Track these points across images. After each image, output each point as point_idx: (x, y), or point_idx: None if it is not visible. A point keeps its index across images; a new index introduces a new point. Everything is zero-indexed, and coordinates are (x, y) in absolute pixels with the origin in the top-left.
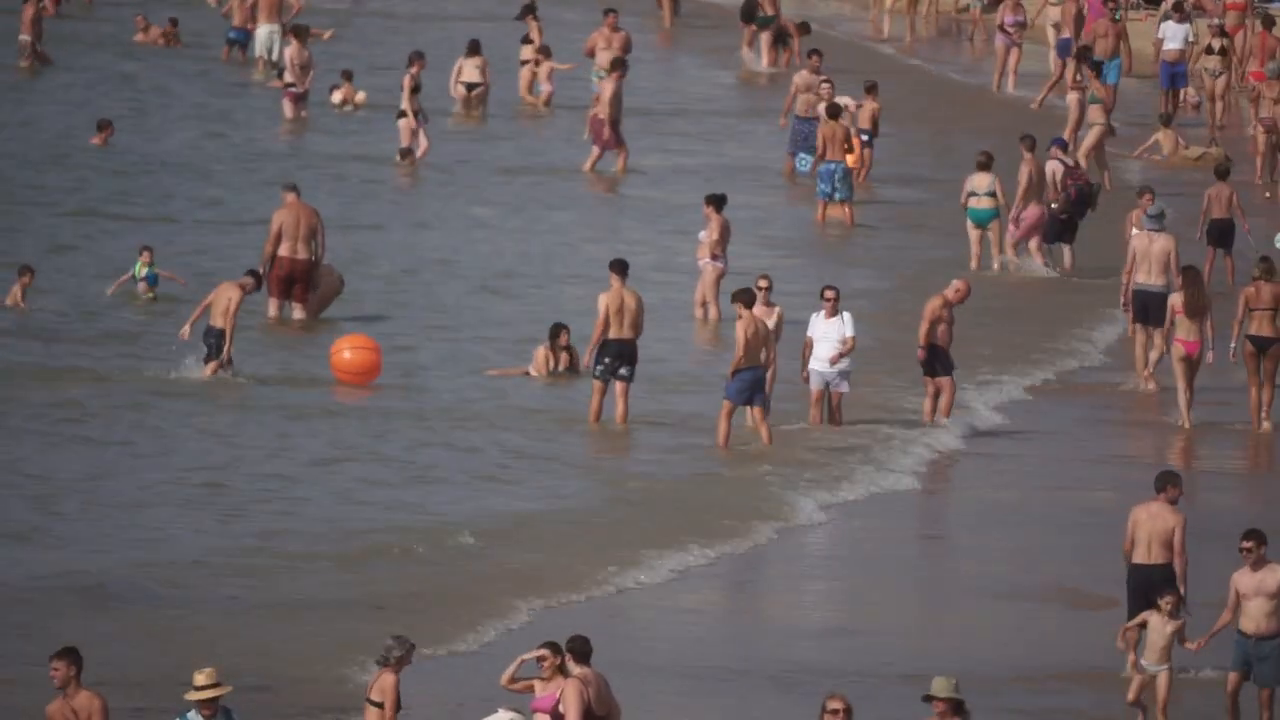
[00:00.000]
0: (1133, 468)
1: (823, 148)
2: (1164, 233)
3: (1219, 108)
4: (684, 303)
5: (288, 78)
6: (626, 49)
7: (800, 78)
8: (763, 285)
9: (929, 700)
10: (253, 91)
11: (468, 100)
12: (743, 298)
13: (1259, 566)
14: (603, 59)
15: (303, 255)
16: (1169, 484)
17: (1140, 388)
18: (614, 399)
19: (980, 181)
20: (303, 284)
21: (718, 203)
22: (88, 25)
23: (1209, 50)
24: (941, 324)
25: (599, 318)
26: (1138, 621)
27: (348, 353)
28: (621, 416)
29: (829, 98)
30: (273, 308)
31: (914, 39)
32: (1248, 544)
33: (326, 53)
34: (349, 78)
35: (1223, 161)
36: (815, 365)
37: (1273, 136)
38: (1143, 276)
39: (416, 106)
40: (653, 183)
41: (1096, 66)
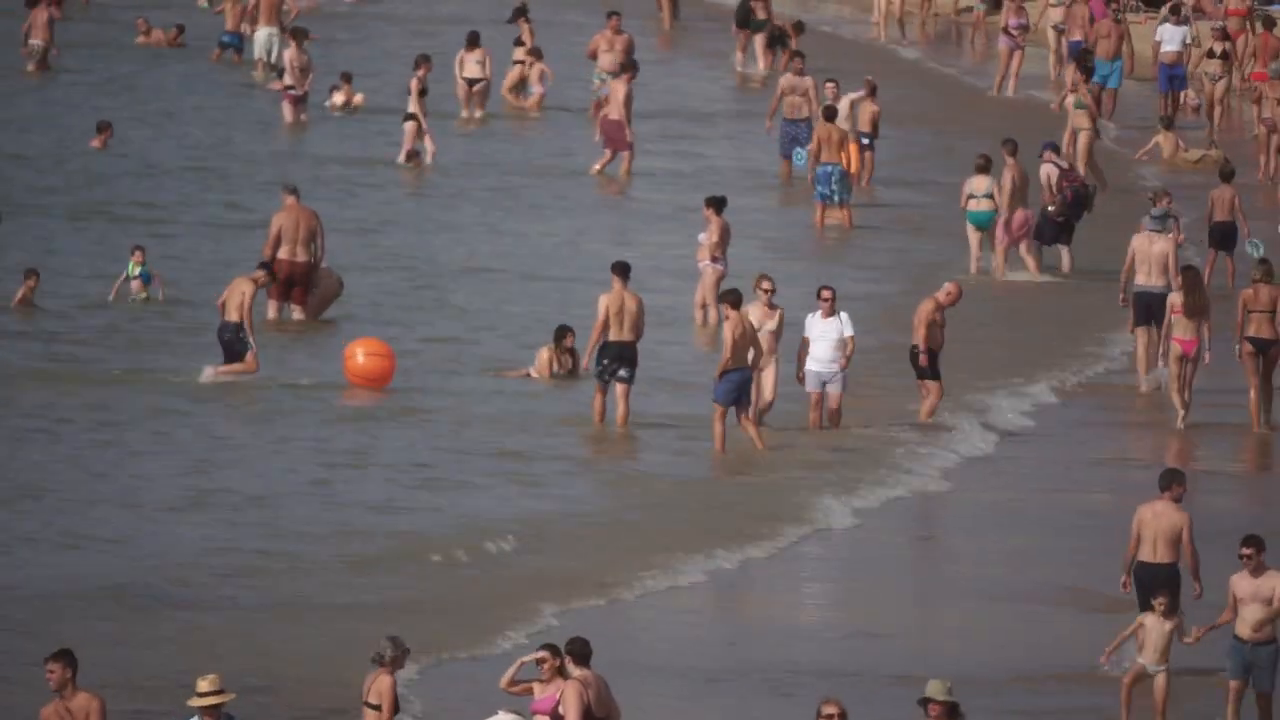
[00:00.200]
0: (1132, 469)
1: (818, 149)
2: (1165, 234)
3: (1218, 112)
4: (684, 305)
5: (287, 80)
6: (629, 52)
7: (784, 81)
8: (766, 288)
9: (925, 704)
10: (252, 94)
11: (469, 96)
12: (730, 298)
13: (1258, 573)
14: (605, 61)
15: (302, 258)
16: (1174, 482)
17: (1142, 389)
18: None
19: (979, 184)
20: (302, 286)
21: (718, 205)
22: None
23: (1210, 54)
24: (935, 327)
25: (598, 319)
26: (1133, 628)
27: (362, 358)
28: (622, 419)
29: (834, 99)
30: (272, 310)
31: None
32: (1247, 550)
33: (326, 55)
34: (348, 80)
35: (1224, 164)
36: (812, 366)
37: (1275, 137)
38: (1143, 278)
39: (424, 110)
40: (652, 185)
41: (1087, 71)
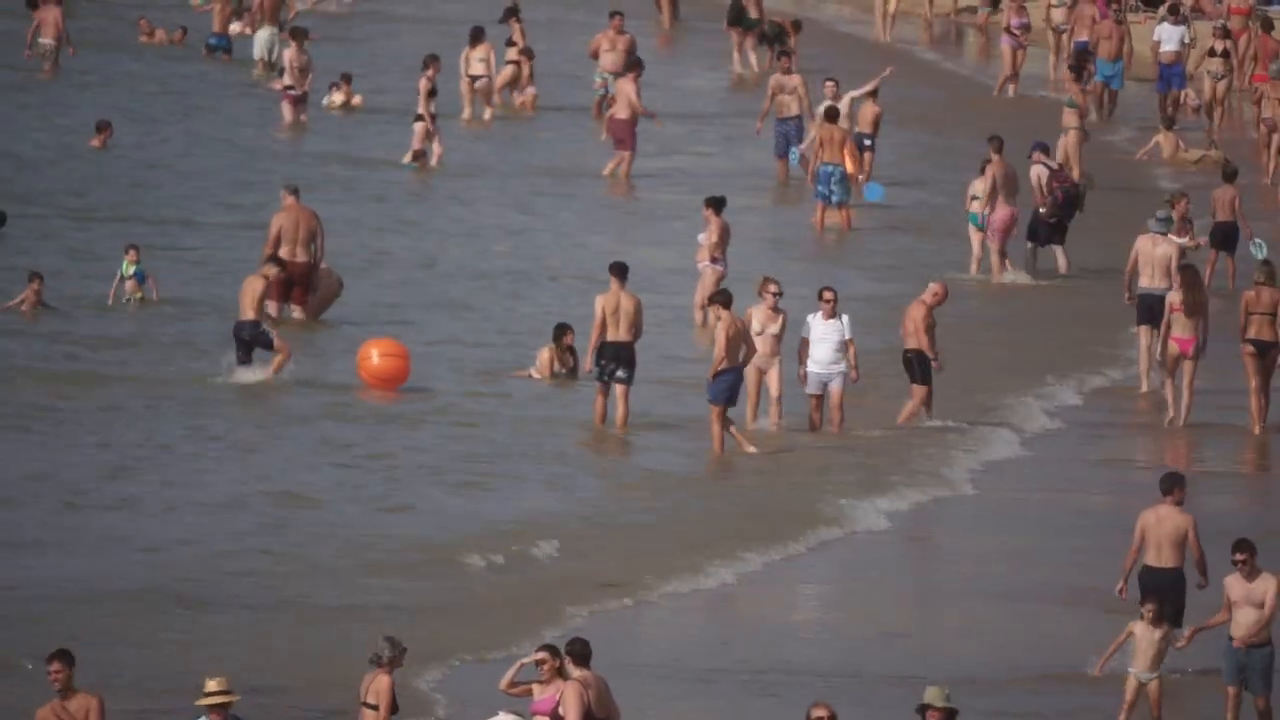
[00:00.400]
0: (1133, 469)
1: (819, 148)
2: (1169, 237)
3: (1219, 111)
4: (684, 305)
5: (286, 80)
6: (631, 51)
7: (774, 81)
8: (772, 290)
9: (923, 710)
10: (252, 94)
11: (473, 93)
12: (720, 299)
13: (1251, 576)
14: (606, 61)
15: (302, 258)
16: (1175, 486)
17: (1143, 388)
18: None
19: (981, 185)
20: (302, 286)
21: (717, 205)
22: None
23: (1211, 53)
24: (931, 329)
25: (595, 320)
26: (1123, 636)
27: (377, 359)
28: (622, 420)
29: (834, 98)
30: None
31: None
32: (1241, 556)
33: (325, 55)
34: (348, 80)
35: (1225, 164)
36: (812, 368)
37: (1276, 137)
38: (1146, 280)
39: (433, 110)
40: (652, 185)
41: (1077, 70)
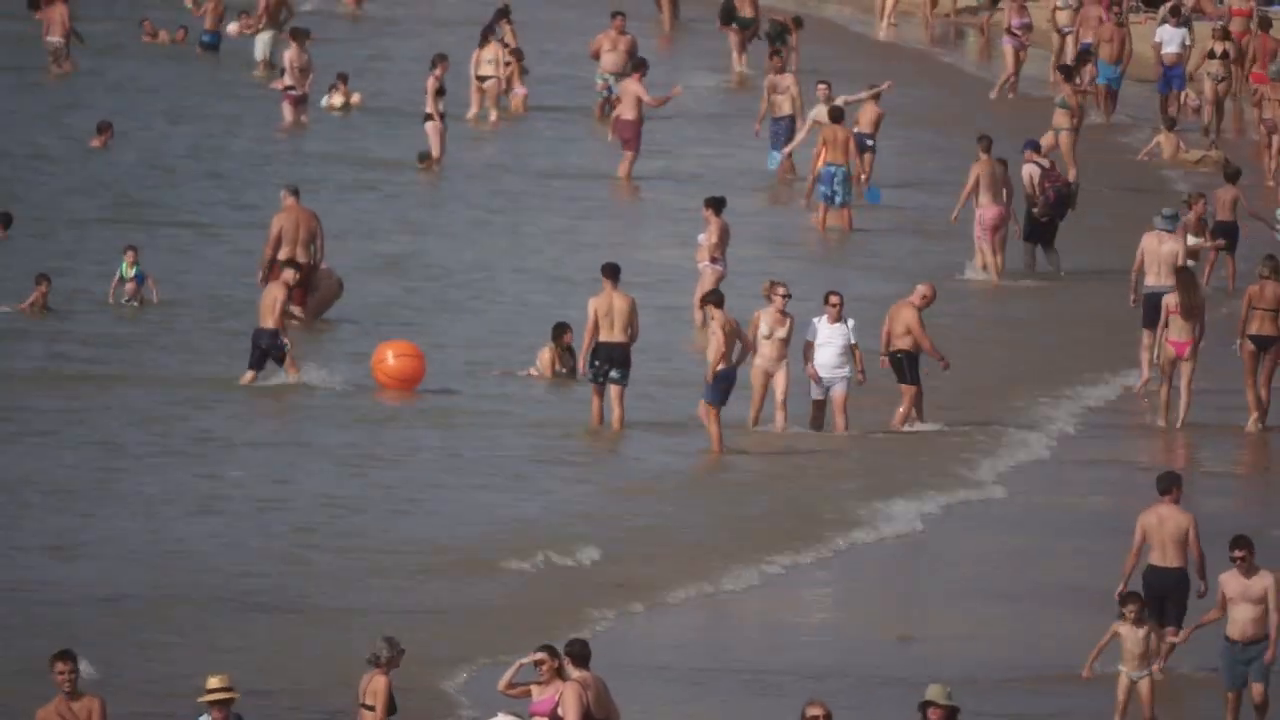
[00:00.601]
0: (1133, 469)
1: (822, 149)
2: (1174, 235)
3: (1220, 111)
4: (684, 305)
5: (287, 80)
6: (633, 52)
7: (767, 80)
8: (781, 293)
9: (925, 708)
10: (253, 94)
11: (480, 94)
12: (713, 299)
13: (1249, 573)
14: (608, 62)
15: (302, 259)
16: (1173, 485)
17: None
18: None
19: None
20: (302, 287)
21: (717, 205)
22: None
23: (1211, 54)
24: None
25: (589, 321)
26: (1108, 637)
27: (393, 360)
28: (617, 421)
29: (826, 100)
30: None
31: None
32: (1239, 553)
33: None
34: (345, 80)
35: (1226, 165)
36: (817, 370)
37: (1276, 138)
38: (1152, 278)
39: (441, 109)
40: (651, 185)
41: (1067, 71)
